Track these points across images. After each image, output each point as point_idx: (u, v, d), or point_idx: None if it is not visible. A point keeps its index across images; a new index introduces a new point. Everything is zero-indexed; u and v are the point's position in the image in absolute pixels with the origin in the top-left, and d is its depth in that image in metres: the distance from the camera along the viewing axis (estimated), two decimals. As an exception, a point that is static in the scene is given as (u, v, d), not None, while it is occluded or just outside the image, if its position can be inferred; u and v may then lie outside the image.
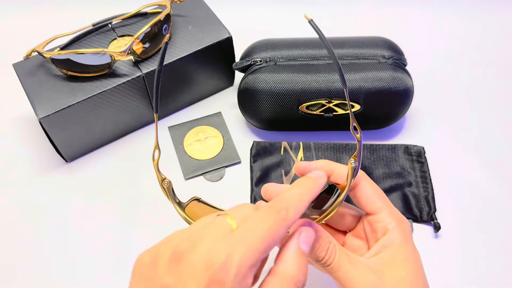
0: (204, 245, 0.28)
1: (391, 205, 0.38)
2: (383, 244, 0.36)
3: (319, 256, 0.34)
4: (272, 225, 0.29)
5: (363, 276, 0.34)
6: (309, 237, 0.32)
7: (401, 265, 0.35)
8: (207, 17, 0.60)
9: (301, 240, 0.32)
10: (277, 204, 0.30)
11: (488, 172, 0.57)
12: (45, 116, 0.52)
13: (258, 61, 0.56)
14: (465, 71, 0.68)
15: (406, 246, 0.36)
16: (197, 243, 0.28)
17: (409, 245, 0.36)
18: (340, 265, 0.34)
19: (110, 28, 0.59)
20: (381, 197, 0.38)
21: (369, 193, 0.38)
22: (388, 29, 0.67)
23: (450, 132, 0.61)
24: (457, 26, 0.73)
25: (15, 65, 0.56)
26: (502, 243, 0.52)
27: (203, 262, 0.27)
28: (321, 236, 0.34)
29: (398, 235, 0.36)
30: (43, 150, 0.60)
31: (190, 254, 0.27)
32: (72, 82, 0.54)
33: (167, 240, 0.30)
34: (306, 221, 0.34)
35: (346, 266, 0.34)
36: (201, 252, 0.27)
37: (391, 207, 0.38)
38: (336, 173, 0.38)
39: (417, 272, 0.36)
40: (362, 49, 0.56)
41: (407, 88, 0.54)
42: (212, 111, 0.63)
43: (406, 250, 0.36)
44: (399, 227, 0.36)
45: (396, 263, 0.35)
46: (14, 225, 0.54)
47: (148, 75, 0.56)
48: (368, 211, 0.38)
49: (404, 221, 0.37)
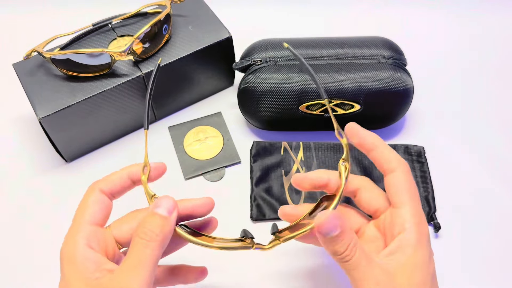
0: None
1: (417, 204, 0.37)
2: (398, 245, 0.35)
3: (338, 250, 0.33)
4: (86, 196, 0.36)
5: (375, 277, 0.33)
6: (163, 201, 0.35)
7: (412, 271, 0.34)
8: (207, 17, 0.60)
9: (154, 204, 0.35)
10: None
11: (489, 172, 0.57)
12: (45, 116, 0.52)
13: (258, 61, 0.56)
14: (465, 71, 0.68)
15: (420, 251, 0.35)
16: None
17: (423, 250, 0.35)
18: (357, 264, 0.33)
19: (110, 28, 0.59)
20: (409, 192, 0.37)
21: (399, 184, 0.37)
22: (388, 29, 0.67)
23: (450, 132, 0.61)
24: (457, 26, 0.73)
25: (15, 65, 0.56)
26: (502, 243, 0.52)
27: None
28: (345, 231, 0.33)
29: (413, 237, 0.35)
30: (43, 150, 0.60)
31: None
32: (72, 82, 0.54)
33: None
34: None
35: (363, 265, 0.33)
36: None
37: (415, 205, 0.36)
38: (333, 182, 0.39)
39: (426, 281, 0.35)
40: (362, 49, 0.56)
41: (407, 88, 0.54)
42: (212, 111, 0.63)
43: (420, 256, 0.35)
44: (416, 228, 0.35)
45: (408, 268, 0.34)
46: (14, 225, 0.54)
47: (148, 75, 0.55)
48: (393, 202, 0.37)
49: (422, 224, 0.36)
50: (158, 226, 0.33)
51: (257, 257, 0.49)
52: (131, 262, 0.32)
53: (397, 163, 0.38)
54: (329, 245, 0.34)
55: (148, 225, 0.33)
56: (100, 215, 0.35)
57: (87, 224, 0.34)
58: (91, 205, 0.35)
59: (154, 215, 0.34)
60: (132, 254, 0.32)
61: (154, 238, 0.32)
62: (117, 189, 0.37)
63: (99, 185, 0.36)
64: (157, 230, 0.33)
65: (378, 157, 0.38)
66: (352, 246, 0.33)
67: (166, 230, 0.33)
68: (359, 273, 0.33)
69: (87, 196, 0.36)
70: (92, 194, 0.36)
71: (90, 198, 0.35)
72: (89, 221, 0.34)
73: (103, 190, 0.36)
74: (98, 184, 0.36)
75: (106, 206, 0.36)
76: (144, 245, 0.32)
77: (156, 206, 0.34)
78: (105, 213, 0.36)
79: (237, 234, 0.37)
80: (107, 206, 0.36)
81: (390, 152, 0.38)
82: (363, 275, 0.33)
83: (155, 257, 0.32)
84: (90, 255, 0.33)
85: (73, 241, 0.33)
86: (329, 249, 0.34)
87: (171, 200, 0.35)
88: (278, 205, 0.54)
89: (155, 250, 0.32)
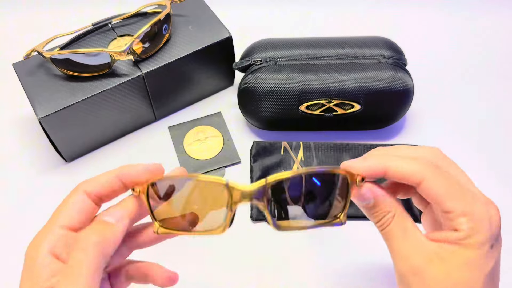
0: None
1: (470, 202, 0.31)
2: (447, 238, 0.31)
3: (373, 220, 0.34)
4: (68, 197, 0.33)
5: (409, 256, 0.32)
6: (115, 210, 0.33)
7: (458, 266, 0.31)
8: (207, 17, 0.60)
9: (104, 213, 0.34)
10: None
11: (489, 172, 0.57)
12: (45, 116, 0.52)
13: (258, 61, 0.56)
14: (466, 71, 0.68)
15: (474, 250, 0.31)
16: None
17: (481, 250, 0.31)
18: (391, 236, 0.33)
19: (110, 27, 0.59)
20: (454, 195, 0.31)
21: (434, 193, 0.32)
22: (388, 29, 0.67)
23: (450, 132, 0.61)
24: (457, 26, 0.73)
25: (14, 65, 0.56)
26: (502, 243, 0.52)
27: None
28: (380, 203, 0.34)
29: (466, 238, 0.31)
30: (43, 150, 0.60)
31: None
32: (72, 82, 0.54)
33: None
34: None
35: (397, 239, 0.33)
36: None
37: (469, 205, 0.31)
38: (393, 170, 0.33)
39: (476, 283, 0.31)
40: (362, 49, 0.56)
41: (407, 88, 0.54)
42: (212, 111, 0.63)
43: (473, 254, 0.31)
44: (473, 230, 0.31)
45: (453, 262, 0.31)
46: (13, 225, 0.54)
47: (148, 75, 0.55)
48: (442, 210, 0.32)
49: (485, 222, 0.31)
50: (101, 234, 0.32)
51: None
52: (68, 270, 0.30)
53: (419, 170, 0.32)
54: (367, 212, 0.35)
55: (90, 232, 0.32)
56: (77, 219, 0.32)
57: (58, 227, 0.32)
58: (69, 206, 0.32)
59: (99, 223, 0.32)
60: (70, 262, 0.31)
61: (92, 245, 0.31)
62: (105, 192, 0.33)
63: (84, 186, 0.33)
64: (97, 237, 0.31)
65: (398, 178, 0.33)
66: (387, 218, 0.33)
67: (108, 237, 0.32)
68: (393, 244, 0.33)
69: (68, 197, 0.33)
70: (74, 195, 0.33)
71: (70, 199, 0.33)
72: (62, 224, 0.32)
73: (88, 192, 0.33)
74: (84, 185, 0.33)
75: (87, 209, 0.33)
76: (83, 253, 0.31)
77: (105, 214, 0.33)
78: (84, 217, 0.32)
79: (237, 234, 0.37)
80: (89, 210, 0.33)
81: (405, 164, 0.33)
82: (396, 247, 0.33)
83: (95, 264, 0.31)
84: (49, 262, 0.30)
85: (36, 244, 0.31)
86: (368, 215, 0.35)
87: (121, 210, 0.33)
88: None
89: (94, 258, 0.31)
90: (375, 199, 0.34)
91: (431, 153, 0.35)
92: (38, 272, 0.30)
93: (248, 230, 0.53)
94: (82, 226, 0.32)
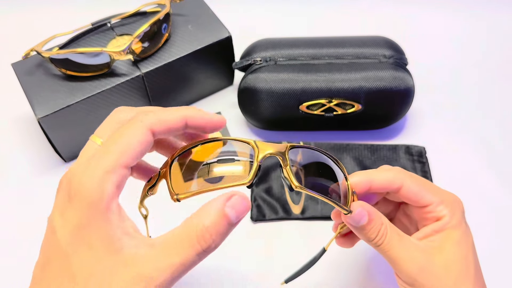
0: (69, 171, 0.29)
1: (441, 192, 0.37)
2: (434, 229, 0.36)
3: (370, 237, 0.35)
4: (129, 131, 0.28)
5: (412, 258, 0.34)
6: (239, 204, 0.28)
7: (452, 248, 0.35)
8: (207, 17, 0.60)
9: (229, 203, 0.28)
10: (140, 113, 0.30)
11: (490, 172, 0.57)
12: (44, 116, 0.51)
13: (258, 61, 0.56)
14: (466, 71, 0.67)
15: (458, 229, 0.36)
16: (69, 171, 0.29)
17: (461, 227, 0.36)
18: (390, 246, 0.34)
19: (109, 27, 0.59)
20: (429, 190, 0.36)
21: (414, 192, 0.36)
22: (389, 29, 0.67)
23: (451, 132, 0.61)
24: (458, 26, 0.73)
25: (13, 65, 0.56)
26: (503, 244, 0.51)
27: (63, 183, 0.29)
28: (373, 219, 0.34)
29: (449, 221, 0.35)
30: (42, 150, 0.59)
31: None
32: (71, 81, 0.54)
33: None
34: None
35: (396, 247, 0.34)
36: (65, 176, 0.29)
37: (441, 195, 0.36)
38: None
39: (468, 254, 0.35)
40: (363, 48, 0.56)
41: (408, 88, 0.54)
42: (212, 110, 0.62)
43: (458, 233, 0.35)
44: (451, 213, 0.36)
45: (447, 246, 0.35)
46: (12, 225, 0.54)
47: (147, 75, 0.55)
48: (419, 206, 0.37)
49: (456, 204, 0.36)
50: (224, 234, 0.28)
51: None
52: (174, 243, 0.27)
53: (398, 176, 0.36)
54: (360, 233, 0.35)
55: (213, 229, 0.27)
56: (138, 160, 0.29)
57: (123, 167, 0.28)
58: (135, 146, 0.28)
59: (223, 217, 0.28)
60: (179, 239, 0.27)
61: (212, 246, 0.27)
62: (168, 131, 0.30)
63: (150, 122, 0.29)
64: (219, 239, 0.28)
65: (382, 187, 0.37)
66: (383, 230, 0.34)
67: (223, 238, 0.28)
68: (393, 253, 0.34)
69: (133, 132, 0.28)
70: (139, 132, 0.28)
71: (136, 137, 0.28)
72: (126, 164, 0.28)
73: (154, 130, 0.29)
74: (149, 121, 0.29)
75: (148, 149, 0.29)
76: (196, 248, 0.27)
77: (230, 206, 0.28)
78: (142, 158, 0.29)
79: (237, 234, 0.37)
80: (146, 151, 0.29)
81: (385, 174, 0.37)
82: (397, 254, 0.34)
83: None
84: (116, 207, 0.27)
85: (101, 179, 0.27)
86: (361, 236, 0.35)
87: (246, 204, 0.29)
88: (278, 205, 0.54)
89: (202, 256, 0.27)
90: (369, 215, 0.34)
91: (395, 167, 0.38)
92: (106, 215, 0.27)
93: (248, 230, 0.53)
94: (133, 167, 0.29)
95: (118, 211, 0.28)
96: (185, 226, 0.28)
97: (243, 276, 0.49)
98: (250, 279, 0.49)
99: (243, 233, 0.52)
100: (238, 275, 0.49)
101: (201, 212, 0.28)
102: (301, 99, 0.54)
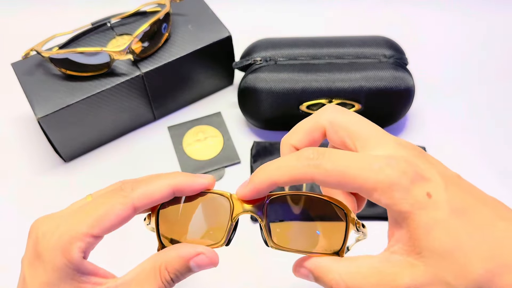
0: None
1: (374, 161, 0.28)
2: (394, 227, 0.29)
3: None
4: (110, 201, 0.29)
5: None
6: (205, 263, 0.30)
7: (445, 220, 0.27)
8: (207, 16, 0.60)
9: (197, 259, 0.30)
10: (126, 182, 0.30)
11: (491, 172, 0.57)
12: (43, 115, 0.51)
13: (258, 60, 0.55)
14: (467, 70, 0.67)
15: (420, 215, 0.27)
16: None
17: (428, 207, 0.27)
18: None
19: (109, 27, 0.59)
20: (353, 168, 0.28)
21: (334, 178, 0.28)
22: (389, 28, 0.67)
23: (451, 132, 0.61)
24: (458, 25, 0.73)
25: (13, 65, 0.56)
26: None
27: (33, 235, 0.29)
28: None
29: (399, 210, 0.27)
30: (42, 150, 0.59)
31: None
32: (71, 81, 0.54)
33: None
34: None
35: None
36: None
37: (372, 171, 0.27)
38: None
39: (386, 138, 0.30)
40: (363, 48, 0.56)
41: (409, 88, 0.54)
42: (212, 110, 0.63)
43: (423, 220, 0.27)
44: (396, 197, 0.27)
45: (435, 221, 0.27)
46: (12, 225, 0.53)
47: (147, 75, 0.55)
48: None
49: (402, 175, 0.27)
50: (184, 274, 0.30)
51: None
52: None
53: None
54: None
55: (173, 267, 0.29)
56: (112, 231, 0.29)
57: (92, 236, 0.28)
58: (113, 219, 0.28)
59: (186, 268, 0.30)
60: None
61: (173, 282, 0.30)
62: (153, 204, 0.30)
63: (135, 197, 0.29)
64: (181, 276, 0.30)
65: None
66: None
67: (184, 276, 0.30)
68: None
69: (114, 205, 0.28)
70: (120, 207, 0.28)
71: (115, 211, 0.28)
72: (97, 234, 0.28)
73: (136, 206, 0.29)
74: (134, 195, 0.29)
75: (123, 224, 0.29)
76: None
77: (196, 263, 0.30)
78: (114, 228, 0.29)
79: (237, 234, 0.37)
80: (123, 224, 0.29)
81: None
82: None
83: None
84: (84, 267, 0.28)
85: (67, 245, 0.28)
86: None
87: (212, 262, 0.31)
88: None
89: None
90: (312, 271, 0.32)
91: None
92: (70, 270, 0.28)
93: (248, 230, 0.53)
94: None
95: (86, 269, 0.29)
96: (146, 266, 0.30)
97: (243, 276, 0.49)
98: (250, 279, 0.49)
99: (243, 233, 0.52)
100: (238, 276, 0.49)
101: (167, 254, 0.30)
102: (301, 99, 0.54)
